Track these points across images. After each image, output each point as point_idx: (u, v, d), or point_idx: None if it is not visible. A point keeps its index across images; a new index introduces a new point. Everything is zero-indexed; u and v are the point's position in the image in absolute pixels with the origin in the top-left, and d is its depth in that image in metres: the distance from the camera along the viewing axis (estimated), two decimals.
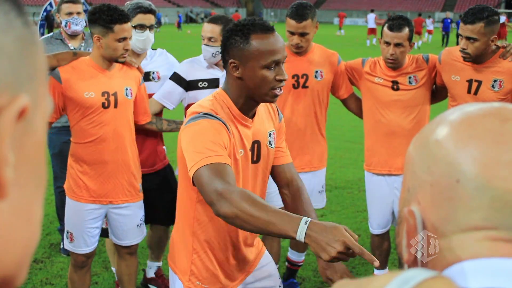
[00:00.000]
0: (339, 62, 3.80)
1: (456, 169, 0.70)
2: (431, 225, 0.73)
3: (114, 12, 3.08)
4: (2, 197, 0.45)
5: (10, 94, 0.45)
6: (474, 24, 3.29)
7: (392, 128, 3.65)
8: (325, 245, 1.75)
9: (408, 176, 0.78)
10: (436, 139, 0.74)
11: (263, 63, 2.14)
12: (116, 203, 3.33)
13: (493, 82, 3.43)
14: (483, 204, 0.68)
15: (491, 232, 0.69)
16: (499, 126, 0.70)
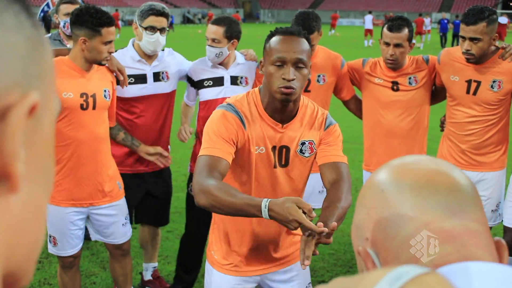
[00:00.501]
0: (343, 65, 3.80)
1: (378, 185, 0.84)
2: (385, 249, 0.80)
3: (102, 15, 3.09)
4: (14, 191, 0.46)
5: (21, 91, 0.46)
6: (477, 25, 3.31)
7: (392, 129, 3.67)
8: (285, 223, 1.98)
9: (355, 223, 0.89)
10: (362, 187, 0.90)
11: (271, 59, 2.28)
12: (97, 205, 3.32)
13: (492, 82, 3.44)
14: (406, 196, 0.80)
15: (431, 226, 0.78)
16: (400, 160, 0.89)
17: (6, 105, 0.45)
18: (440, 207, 0.79)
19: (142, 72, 3.57)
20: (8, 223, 0.47)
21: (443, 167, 0.84)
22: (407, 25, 3.53)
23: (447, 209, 0.79)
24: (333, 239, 5.07)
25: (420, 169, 0.83)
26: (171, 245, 4.71)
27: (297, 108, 2.41)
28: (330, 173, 2.37)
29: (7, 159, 0.45)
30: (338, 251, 4.70)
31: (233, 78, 3.68)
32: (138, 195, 3.76)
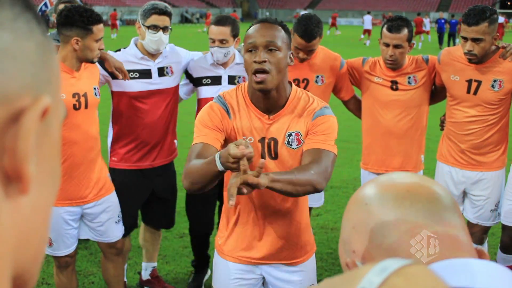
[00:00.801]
0: (342, 66, 3.81)
1: (362, 199, 0.90)
2: (370, 259, 0.86)
3: (92, 13, 3.11)
4: (25, 192, 0.47)
5: (33, 95, 0.48)
6: (479, 25, 3.30)
7: (390, 128, 3.67)
8: (229, 165, 2.02)
9: (341, 249, 0.93)
10: (349, 203, 0.94)
11: (245, 48, 2.32)
12: (91, 201, 3.33)
13: (493, 82, 3.45)
14: (389, 207, 0.86)
15: (414, 232, 0.83)
16: (384, 176, 0.95)
17: (19, 108, 0.46)
18: (421, 215, 0.84)
19: (146, 68, 3.57)
20: (19, 225, 0.48)
21: (424, 181, 0.90)
22: (406, 26, 3.53)
23: (428, 217, 0.84)
24: (331, 239, 5.09)
25: (402, 182, 0.89)
26: (169, 244, 4.71)
27: (285, 99, 2.39)
28: (307, 158, 2.31)
29: (20, 161, 0.46)
30: (336, 251, 4.70)
31: (230, 77, 3.71)
32: (143, 195, 3.75)
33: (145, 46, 3.53)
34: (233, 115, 2.38)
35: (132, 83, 3.53)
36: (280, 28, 2.32)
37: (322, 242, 4.87)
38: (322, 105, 2.43)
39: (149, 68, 3.57)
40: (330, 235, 5.03)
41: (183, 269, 4.36)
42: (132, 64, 3.53)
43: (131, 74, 3.53)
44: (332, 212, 5.62)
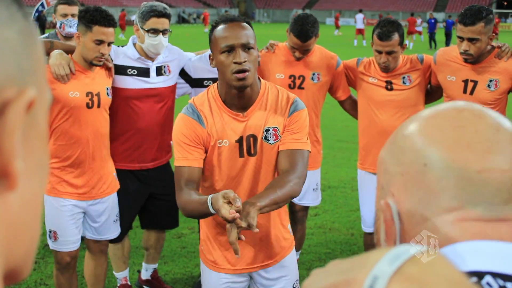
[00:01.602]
0: (338, 65, 3.82)
1: (423, 155, 0.77)
2: (406, 213, 0.78)
3: (99, 13, 3.10)
4: (12, 188, 0.46)
5: (17, 87, 0.46)
6: (475, 25, 3.31)
7: (386, 128, 3.68)
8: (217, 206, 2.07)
9: (381, 175, 0.84)
10: (403, 134, 0.82)
11: (219, 49, 2.31)
12: (98, 198, 3.36)
13: (489, 82, 3.45)
14: (450, 184, 0.75)
15: (460, 212, 0.75)
16: (456, 114, 0.79)
17: (3, 101, 0.44)
18: (482, 207, 0.74)
19: (145, 66, 3.53)
20: (8, 221, 0.46)
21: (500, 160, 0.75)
22: (397, 30, 3.51)
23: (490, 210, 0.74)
24: (329, 239, 5.09)
25: (474, 154, 0.75)
26: (167, 245, 4.71)
27: (256, 94, 2.41)
28: (284, 162, 2.39)
29: (6, 158, 0.45)
30: (334, 250, 4.72)
31: None
32: (140, 196, 3.73)
33: (145, 50, 3.48)
34: (206, 123, 2.39)
35: (130, 80, 3.49)
36: (249, 26, 2.37)
37: (320, 242, 4.88)
38: (293, 97, 2.47)
39: (148, 67, 3.53)
40: (328, 235, 5.03)
41: (181, 269, 4.36)
42: (131, 60, 3.50)
43: (129, 71, 3.49)
44: (330, 212, 5.63)
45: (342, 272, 0.57)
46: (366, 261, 0.56)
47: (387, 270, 0.53)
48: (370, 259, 0.56)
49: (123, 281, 3.90)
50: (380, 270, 0.53)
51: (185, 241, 4.79)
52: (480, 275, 0.68)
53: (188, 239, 4.86)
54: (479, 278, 0.67)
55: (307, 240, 4.72)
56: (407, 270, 0.53)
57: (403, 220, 0.78)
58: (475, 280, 0.67)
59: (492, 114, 0.79)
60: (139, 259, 4.45)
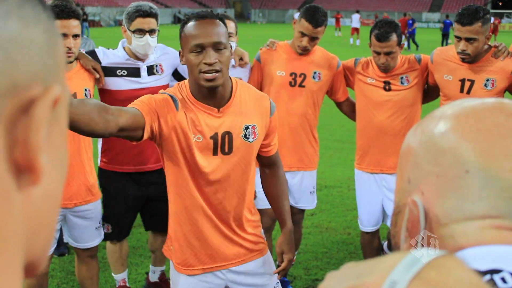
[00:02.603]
0: (339, 66, 3.83)
1: (466, 161, 0.74)
2: (434, 215, 0.76)
3: (57, 8, 3.04)
4: (37, 183, 0.47)
5: (43, 84, 0.47)
6: (473, 25, 3.33)
7: (384, 128, 3.68)
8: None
9: (409, 167, 0.80)
10: (442, 132, 0.77)
11: (188, 48, 2.23)
12: (80, 205, 3.31)
13: (485, 81, 3.47)
14: (491, 194, 0.72)
15: (496, 221, 0.73)
16: (505, 120, 0.75)
17: (29, 98, 0.46)
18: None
19: (135, 66, 3.47)
20: (30, 215, 0.47)
21: None
22: (394, 31, 3.52)
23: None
24: (326, 238, 5.08)
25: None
26: None
27: (229, 91, 2.35)
28: (269, 167, 2.62)
29: (32, 153, 0.46)
30: (331, 250, 4.72)
31: None
32: (137, 202, 3.68)
33: (133, 51, 3.43)
34: (180, 108, 2.28)
35: (120, 81, 3.44)
36: (221, 23, 2.27)
37: (317, 241, 4.89)
38: (267, 96, 2.48)
39: (138, 67, 3.48)
40: (325, 235, 5.04)
41: None
42: (120, 61, 3.46)
43: (119, 72, 3.44)
44: (327, 212, 5.64)
45: (359, 275, 0.57)
46: (383, 265, 0.56)
47: (406, 275, 0.53)
48: (387, 263, 0.56)
49: (121, 283, 3.87)
50: (398, 275, 0.53)
51: None
52: (496, 271, 0.67)
53: None
54: (494, 274, 0.67)
55: (304, 239, 4.73)
56: (425, 275, 0.53)
57: (429, 220, 0.77)
58: (489, 277, 0.67)
59: None
60: (136, 259, 4.45)
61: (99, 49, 3.52)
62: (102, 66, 3.43)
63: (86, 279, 3.56)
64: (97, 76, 3.35)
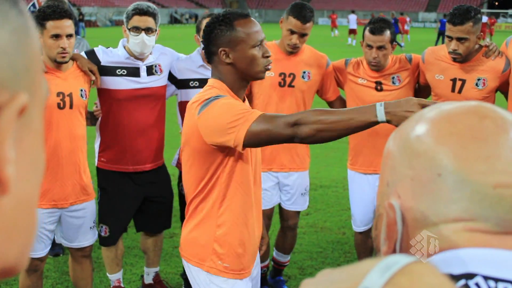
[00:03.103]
0: (328, 65, 3.82)
1: (438, 164, 0.74)
2: (411, 218, 0.77)
3: (49, 9, 3.06)
4: (4, 193, 0.46)
5: (9, 91, 0.45)
6: (464, 25, 3.34)
7: (376, 128, 3.66)
8: (404, 113, 1.93)
9: (387, 171, 0.81)
10: (417, 135, 0.78)
11: (252, 44, 2.32)
12: (75, 204, 3.32)
13: (477, 80, 3.48)
14: (463, 196, 0.73)
15: (469, 224, 0.73)
16: (478, 123, 0.74)
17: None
18: (493, 222, 0.72)
19: (134, 66, 3.49)
20: (1, 225, 0.46)
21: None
22: (388, 27, 3.55)
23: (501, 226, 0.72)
24: (321, 238, 5.09)
25: (492, 169, 0.72)
26: None
27: None
28: None
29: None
30: (326, 249, 4.73)
31: None
32: (136, 202, 3.69)
33: (131, 49, 3.45)
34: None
35: (119, 81, 3.45)
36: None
37: (312, 241, 4.89)
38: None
39: (137, 67, 3.49)
40: (320, 234, 5.05)
41: (173, 269, 4.36)
42: (120, 61, 3.47)
43: (119, 71, 3.45)
44: (322, 211, 5.65)
45: (333, 282, 0.57)
46: (357, 272, 0.56)
47: (378, 282, 0.53)
48: (360, 270, 0.56)
49: (116, 283, 3.87)
50: (370, 281, 0.53)
51: (177, 240, 4.78)
52: (470, 276, 0.68)
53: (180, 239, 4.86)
54: (468, 279, 0.67)
55: (299, 239, 4.73)
56: (397, 281, 0.53)
57: (406, 223, 0.77)
58: (463, 282, 0.67)
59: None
60: (131, 259, 4.45)
61: (99, 48, 3.53)
62: (102, 65, 3.44)
63: (80, 279, 3.56)
64: (93, 78, 3.37)
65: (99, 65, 3.44)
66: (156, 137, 3.63)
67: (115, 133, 3.55)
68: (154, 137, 3.62)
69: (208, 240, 2.39)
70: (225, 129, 2.14)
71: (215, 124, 2.18)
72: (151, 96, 3.54)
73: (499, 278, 0.67)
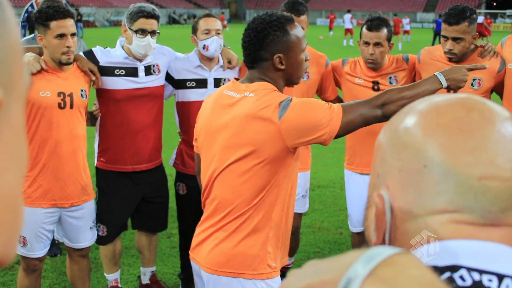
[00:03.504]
0: (327, 64, 3.83)
1: (424, 155, 0.75)
2: (399, 209, 0.77)
3: (52, 9, 3.07)
4: None
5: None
6: (460, 25, 3.36)
7: (373, 128, 3.66)
8: (462, 77, 2.43)
9: (378, 162, 0.82)
10: (405, 127, 0.78)
11: (302, 48, 2.34)
12: (77, 204, 3.32)
13: (472, 80, 3.48)
14: (448, 188, 0.73)
15: (454, 215, 0.73)
16: (465, 115, 0.75)
17: None
18: (478, 214, 0.72)
19: (133, 66, 3.49)
20: None
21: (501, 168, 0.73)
22: (385, 25, 3.58)
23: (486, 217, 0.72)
24: (318, 238, 5.09)
25: (477, 161, 0.72)
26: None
27: None
28: None
29: None
30: (323, 249, 4.74)
31: (216, 80, 3.65)
32: (133, 199, 3.69)
33: (133, 51, 3.45)
34: None
35: (118, 81, 3.45)
36: None
37: (309, 241, 4.90)
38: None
39: (136, 67, 3.49)
40: (317, 235, 5.05)
41: (171, 269, 4.36)
42: (118, 61, 3.47)
43: (117, 71, 3.45)
44: (319, 212, 5.65)
45: (318, 273, 0.57)
46: (341, 263, 0.56)
47: (361, 272, 0.53)
48: (345, 261, 0.56)
49: (114, 283, 3.87)
50: (354, 272, 0.54)
51: (175, 241, 4.79)
52: (455, 268, 0.68)
53: (177, 239, 4.84)
54: (453, 272, 0.68)
55: None
56: (380, 272, 0.53)
57: (394, 214, 0.77)
58: (448, 274, 0.68)
59: (502, 116, 0.76)
60: (128, 260, 4.45)
61: (97, 48, 3.53)
62: (100, 65, 3.45)
63: (77, 279, 3.56)
64: (93, 78, 3.38)
65: (98, 66, 3.44)
66: (154, 136, 3.64)
67: (113, 133, 3.55)
68: (152, 137, 3.62)
69: (262, 245, 2.33)
70: (318, 125, 2.18)
71: (306, 122, 2.18)
72: (149, 96, 3.54)
73: (484, 270, 0.68)
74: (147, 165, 3.64)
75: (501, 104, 3.56)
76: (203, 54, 3.61)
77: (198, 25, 3.60)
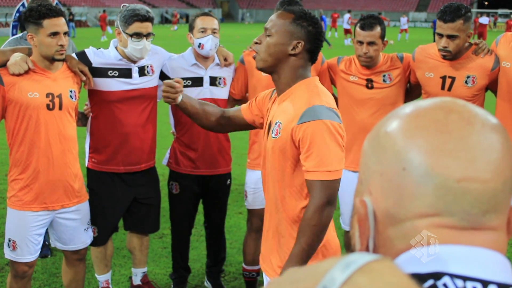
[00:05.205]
0: (323, 62, 3.83)
1: (403, 158, 0.73)
2: (381, 214, 0.76)
3: (44, 8, 3.04)
4: None
5: None
6: (455, 22, 3.36)
7: (366, 126, 3.68)
8: None
9: (361, 169, 0.81)
10: (386, 130, 0.77)
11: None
12: (68, 206, 3.27)
13: (466, 78, 3.49)
14: (427, 191, 0.71)
15: (434, 219, 0.72)
16: (444, 117, 0.73)
17: None
18: (458, 217, 0.71)
19: (126, 67, 3.46)
20: None
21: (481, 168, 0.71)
22: (379, 23, 3.58)
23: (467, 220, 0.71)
24: None
25: (456, 162, 0.71)
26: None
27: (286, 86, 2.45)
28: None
29: None
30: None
31: (212, 78, 3.65)
32: (124, 200, 3.66)
33: (128, 54, 3.40)
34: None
35: (111, 82, 3.43)
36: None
37: None
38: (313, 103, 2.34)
39: (129, 68, 3.47)
40: None
41: (162, 269, 4.33)
42: (112, 62, 3.44)
43: (110, 72, 3.42)
44: None
45: (295, 281, 0.57)
46: (318, 271, 0.56)
47: (337, 280, 0.52)
48: (321, 268, 0.56)
49: (105, 284, 3.84)
50: (330, 280, 0.53)
51: (166, 241, 4.76)
52: (438, 275, 0.67)
53: (169, 240, 4.82)
54: (436, 279, 0.67)
55: None
56: (356, 279, 0.52)
57: (378, 220, 0.76)
58: (431, 282, 0.66)
59: (482, 118, 0.74)
60: (119, 260, 4.42)
61: (90, 49, 3.49)
62: (93, 67, 3.41)
63: (72, 282, 3.52)
64: (83, 78, 3.33)
65: (90, 67, 3.40)
66: (148, 137, 3.61)
67: (106, 134, 3.52)
68: (146, 138, 3.59)
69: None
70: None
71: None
72: (143, 97, 3.52)
73: (468, 276, 0.67)
74: (140, 166, 3.61)
75: (495, 101, 3.56)
76: (198, 52, 3.61)
77: (195, 23, 3.60)
